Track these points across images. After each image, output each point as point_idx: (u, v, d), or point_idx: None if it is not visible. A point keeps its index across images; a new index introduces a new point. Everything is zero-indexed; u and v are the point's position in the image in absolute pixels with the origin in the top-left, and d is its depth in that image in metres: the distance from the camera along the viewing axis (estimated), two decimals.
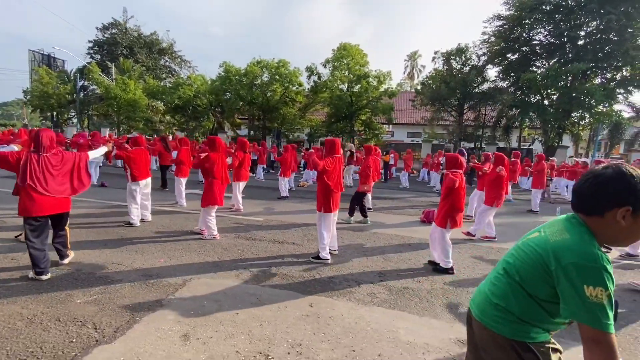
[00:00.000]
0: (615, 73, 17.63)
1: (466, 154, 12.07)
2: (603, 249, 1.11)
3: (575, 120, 18.96)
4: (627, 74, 16.89)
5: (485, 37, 20.46)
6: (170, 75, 33.94)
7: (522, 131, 22.75)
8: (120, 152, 5.42)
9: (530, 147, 23.42)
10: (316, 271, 4.04)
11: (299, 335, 2.67)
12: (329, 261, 4.32)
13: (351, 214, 6.76)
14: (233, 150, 7.87)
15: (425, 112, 23.72)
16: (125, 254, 4.25)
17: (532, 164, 10.44)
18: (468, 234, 5.92)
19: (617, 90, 17.32)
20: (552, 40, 18.49)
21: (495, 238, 5.85)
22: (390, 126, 32.82)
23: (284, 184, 9.08)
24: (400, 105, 28.53)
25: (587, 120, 18.24)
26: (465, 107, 21.92)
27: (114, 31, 29.88)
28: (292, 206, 8.15)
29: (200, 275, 3.72)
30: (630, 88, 17.40)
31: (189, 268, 3.92)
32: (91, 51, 30.21)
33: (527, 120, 20.36)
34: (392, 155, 16.31)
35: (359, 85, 21.61)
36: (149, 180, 5.74)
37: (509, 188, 8.99)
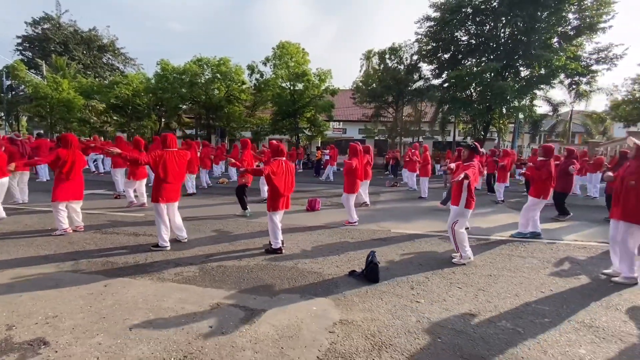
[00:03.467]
0: (525, 71, 19.33)
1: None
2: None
3: (497, 116, 20.57)
4: (535, 73, 18.58)
5: (418, 37, 21.64)
6: (114, 74, 32.54)
7: (456, 126, 24.29)
8: None
9: (464, 141, 25.06)
10: (146, 256, 4.36)
11: (65, 308, 2.98)
12: (168, 247, 4.66)
13: (244, 207, 7.06)
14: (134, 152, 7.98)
15: (367, 109, 24.65)
16: None
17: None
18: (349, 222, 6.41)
19: (528, 87, 19.00)
20: (472, 41, 19.89)
21: (355, 223, 6.44)
22: (341, 123, 33.67)
23: (190, 181, 9.28)
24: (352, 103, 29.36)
25: (504, 114, 19.85)
26: (401, 103, 23.02)
27: (45, 26, 28.13)
28: (190, 202, 8.38)
29: (20, 267, 3.91)
30: (541, 85, 19.19)
31: (13, 262, 4.08)
32: (20, 47, 28.27)
33: (459, 115, 21.82)
34: (327, 151, 16.84)
35: (302, 84, 22.09)
36: (4, 180, 5.77)
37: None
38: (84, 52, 29.76)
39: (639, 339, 2.77)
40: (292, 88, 21.99)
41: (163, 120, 26.88)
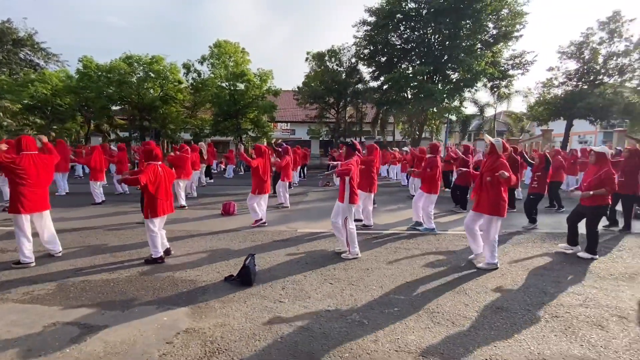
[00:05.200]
0: (453, 75, 20.81)
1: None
2: None
3: (430, 116, 21.88)
4: (461, 76, 20.07)
5: (356, 40, 22.26)
6: (34, 71, 29.14)
7: (395, 126, 25.42)
8: None
9: (404, 139, 26.34)
10: (1, 275, 3.87)
11: None
12: (32, 264, 4.19)
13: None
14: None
15: (310, 110, 24.83)
16: None
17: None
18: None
19: (456, 89, 20.46)
20: (405, 46, 20.94)
21: (264, 222, 6.37)
22: (289, 124, 33.59)
23: (97, 189, 8.54)
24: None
25: (435, 115, 21.19)
26: (342, 104, 23.53)
27: None
28: (92, 211, 7.71)
29: None
30: (467, 88, 20.77)
31: None
32: None
33: (397, 116, 22.86)
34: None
35: (242, 84, 21.59)
36: None
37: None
38: None
39: (471, 322, 3.01)
40: (232, 88, 21.40)
41: (92, 122, 24.70)
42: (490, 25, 20.40)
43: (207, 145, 12.93)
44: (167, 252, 4.58)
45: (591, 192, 4.56)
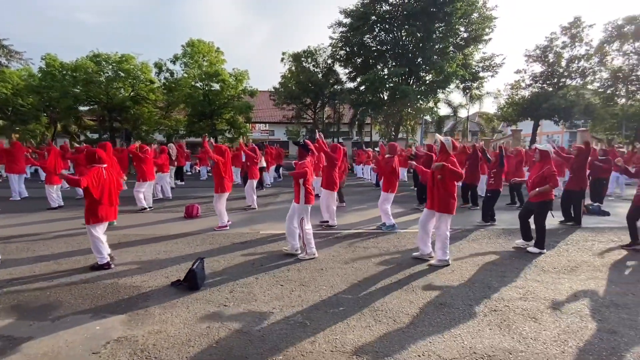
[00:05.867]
0: (428, 76, 21.27)
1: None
2: None
3: (405, 117, 22.26)
4: (434, 78, 20.55)
5: (332, 41, 22.35)
6: None
7: (372, 127, 25.72)
8: None
9: (382, 140, 26.66)
10: None
11: None
12: None
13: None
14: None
15: (287, 111, 24.73)
16: None
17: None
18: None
19: (431, 91, 20.91)
20: (380, 47, 21.21)
21: (227, 226, 6.25)
22: (267, 125, 33.36)
23: (54, 193, 8.13)
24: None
25: (410, 115, 21.60)
26: (320, 105, 23.57)
27: None
28: (47, 216, 7.34)
29: None
30: (440, 89, 21.27)
31: None
32: None
33: (374, 117, 23.10)
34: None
35: (218, 84, 21.22)
36: None
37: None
38: None
39: (412, 318, 3.04)
40: (206, 88, 20.99)
41: (58, 123, 23.62)
42: (462, 28, 21.01)
43: (176, 146, 12.57)
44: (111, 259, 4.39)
45: (537, 190, 4.74)
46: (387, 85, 20.29)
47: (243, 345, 2.60)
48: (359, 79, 22.65)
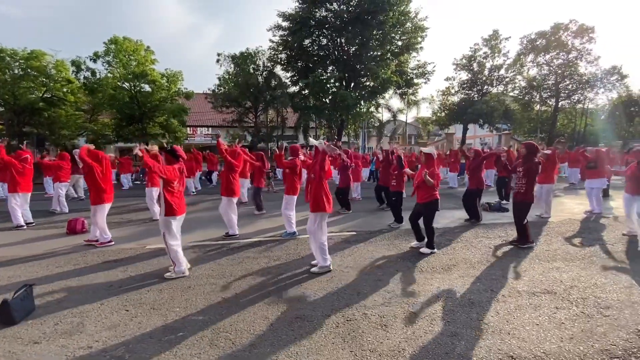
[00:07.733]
0: (367, 82, 21.83)
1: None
2: None
3: (346, 121, 22.60)
4: (372, 84, 21.13)
5: (272, 44, 22.03)
6: None
7: (317, 130, 25.77)
8: None
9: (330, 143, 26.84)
10: None
11: None
12: None
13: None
14: None
15: (227, 114, 23.83)
16: None
17: None
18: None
19: (370, 96, 21.45)
20: (319, 52, 21.35)
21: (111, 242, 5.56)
22: (210, 129, 31.98)
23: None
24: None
25: (350, 119, 22.01)
26: (262, 108, 23.07)
27: None
28: None
29: None
30: (378, 95, 21.93)
31: None
32: None
33: (316, 120, 23.13)
34: None
35: (147, 85, 19.78)
36: None
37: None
38: None
39: (255, 338, 2.77)
40: (134, 90, 19.45)
41: None
42: (397, 37, 21.92)
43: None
44: None
45: (425, 177, 4.76)
46: (329, 90, 20.45)
47: None
48: (300, 83, 22.64)
